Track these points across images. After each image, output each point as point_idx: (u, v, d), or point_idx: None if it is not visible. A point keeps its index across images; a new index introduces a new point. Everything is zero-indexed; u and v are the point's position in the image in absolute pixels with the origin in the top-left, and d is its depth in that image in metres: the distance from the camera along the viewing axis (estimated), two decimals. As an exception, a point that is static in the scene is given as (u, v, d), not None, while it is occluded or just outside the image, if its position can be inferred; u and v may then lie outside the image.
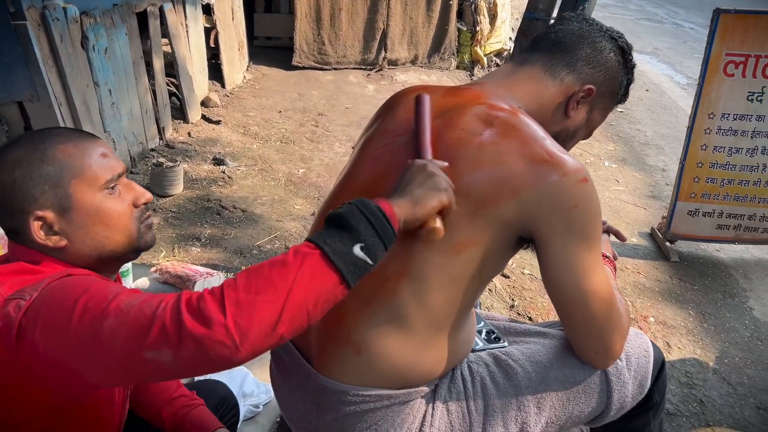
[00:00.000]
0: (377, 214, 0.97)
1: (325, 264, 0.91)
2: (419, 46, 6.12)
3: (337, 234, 0.94)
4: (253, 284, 0.88)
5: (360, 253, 0.93)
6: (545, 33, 1.36)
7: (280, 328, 0.87)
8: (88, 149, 1.09)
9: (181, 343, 0.84)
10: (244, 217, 3.37)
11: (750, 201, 3.49)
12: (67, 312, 0.91)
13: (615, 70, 1.35)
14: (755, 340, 2.89)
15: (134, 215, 1.13)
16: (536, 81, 1.31)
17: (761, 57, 3.21)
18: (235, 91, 5.18)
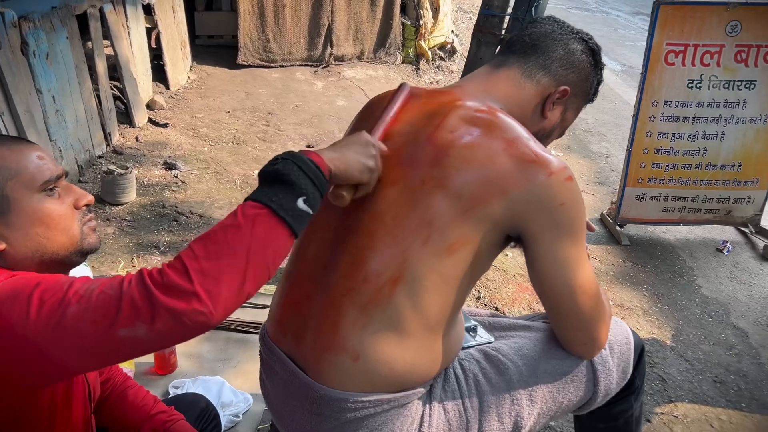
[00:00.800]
0: (313, 168, 1.03)
1: (274, 220, 0.96)
2: (365, 42, 6.12)
3: (279, 190, 0.99)
4: (212, 251, 0.91)
5: (303, 205, 1.00)
6: (519, 35, 1.39)
7: (247, 288, 0.93)
8: (24, 152, 1.08)
9: (154, 317, 0.87)
10: (203, 223, 3.31)
11: (693, 183, 3.65)
12: (22, 308, 0.90)
13: (587, 70, 1.39)
14: (706, 317, 3.04)
15: (76, 216, 1.12)
16: (514, 83, 1.34)
17: (699, 46, 3.36)
18: (181, 92, 5.07)
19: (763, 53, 3.37)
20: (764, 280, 3.39)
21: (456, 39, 6.90)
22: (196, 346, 2.36)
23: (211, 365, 2.30)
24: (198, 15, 5.83)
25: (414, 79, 6.18)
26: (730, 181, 3.65)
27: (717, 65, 3.39)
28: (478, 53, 2.53)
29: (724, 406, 2.46)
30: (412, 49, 6.37)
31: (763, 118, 3.51)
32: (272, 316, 1.37)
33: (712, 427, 2.34)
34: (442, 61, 6.56)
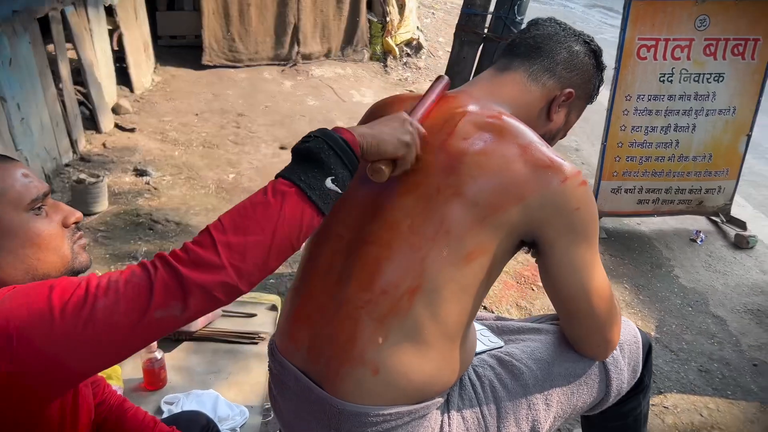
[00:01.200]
0: (343, 146, 1.04)
1: (302, 200, 0.98)
2: (332, 39, 6.06)
3: (309, 169, 1.01)
4: (239, 226, 0.94)
5: (332, 185, 1.02)
6: (523, 38, 1.38)
7: (271, 263, 0.97)
8: (8, 170, 1.04)
9: (187, 295, 0.89)
10: (180, 230, 3.23)
11: (666, 176, 3.72)
12: (43, 313, 0.87)
13: (590, 72, 1.39)
14: (686, 307, 3.10)
15: (66, 235, 1.08)
16: (520, 86, 1.33)
17: (670, 40, 3.41)
18: (146, 95, 4.94)
19: (730, 46, 3.45)
20: (737, 268, 3.47)
21: (422, 35, 6.90)
22: (185, 359, 2.30)
23: (201, 378, 2.23)
24: (160, 15, 5.69)
25: (382, 76, 6.15)
26: (702, 172, 3.73)
27: (687, 59, 3.45)
28: (461, 52, 2.52)
29: (711, 394, 2.51)
30: (379, 46, 6.34)
31: (731, 109, 3.59)
32: (282, 330, 1.33)
33: (702, 416, 2.39)
34: (409, 58, 6.55)
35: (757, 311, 3.07)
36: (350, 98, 5.47)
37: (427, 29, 7.47)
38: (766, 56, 3.48)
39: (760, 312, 3.07)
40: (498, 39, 2.41)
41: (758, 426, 2.36)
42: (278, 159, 4.19)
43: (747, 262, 3.52)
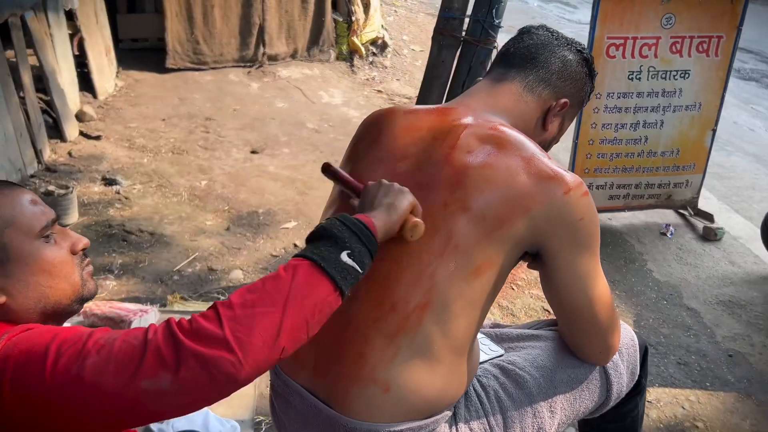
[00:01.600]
0: (358, 224, 1.02)
1: (316, 272, 0.94)
2: (298, 40, 6.00)
3: (322, 244, 0.98)
4: (248, 300, 0.88)
5: (348, 259, 0.97)
6: (517, 47, 1.38)
7: (282, 340, 0.88)
8: (16, 197, 1.02)
9: (180, 363, 0.82)
10: (155, 241, 3.17)
11: (636, 171, 3.79)
12: (39, 361, 0.85)
13: (583, 81, 1.41)
14: (661, 300, 3.17)
15: (75, 262, 1.07)
16: (517, 97, 1.33)
17: (637, 38, 3.47)
18: (110, 101, 4.82)
19: (695, 43, 3.52)
20: (707, 260, 3.56)
21: (386, 34, 6.88)
22: (170, 374, 2.26)
23: (188, 393, 2.20)
24: (120, 18, 5.55)
25: (349, 76, 6.12)
26: (670, 167, 3.81)
27: (654, 56, 3.52)
28: (439, 56, 2.52)
29: (691, 386, 2.57)
30: (345, 45, 6.31)
31: (697, 105, 3.68)
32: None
33: (684, 408, 2.44)
34: (376, 57, 6.53)
35: (729, 302, 3.16)
36: (319, 99, 5.44)
37: (391, 28, 7.46)
38: (728, 53, 3.57)
39: (731, 303, 3.15)
40: (476, 42, 2.42)
41: (738, 416, 2.42)
42: (251, 164, 4.14)
43: (716, 254, 3.62)
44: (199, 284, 2.88)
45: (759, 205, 4.29)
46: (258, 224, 3.43)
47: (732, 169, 4.89)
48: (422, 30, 7.93)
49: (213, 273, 2.97)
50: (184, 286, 2.84)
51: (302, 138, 4.63)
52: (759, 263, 3.53)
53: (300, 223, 3.47)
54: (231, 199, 3.65)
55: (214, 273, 2.97)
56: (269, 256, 3.15)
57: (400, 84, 6.15)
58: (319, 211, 3.60)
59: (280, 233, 3.37)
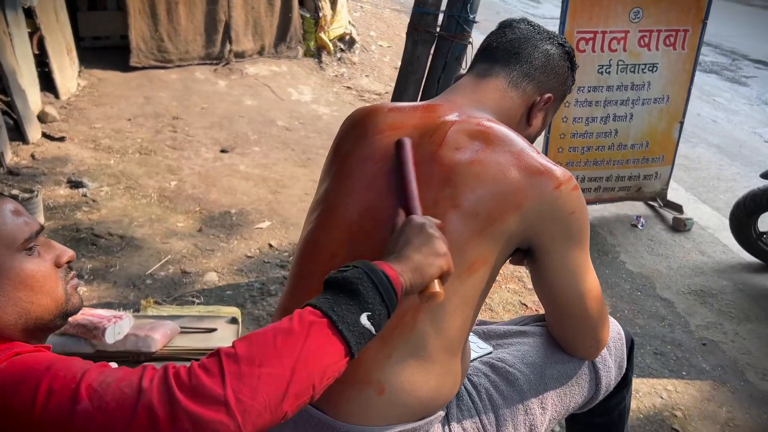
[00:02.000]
0: (385, 281, 0.93)
1: (332, 334, 0.87)
2: (265, 36, 5.92)
3: (344, 301, 0.90)
4: (256, 355, 0.82)
5: (367, 322, 0.91)
6: (500, 42, 1.37)
7: (285, 405, 0.83)
8: None
9: (174, 422, 0.77)
10: (125, 244, 3.09)
11: (606, 164, 3.83)
12: (28, 396, 0.81)
13: (565, 75, 1.40)
14: (635, 291, 3.21)
15: (59, 276, 1.02)
16: (502, 93, 1.32)
17: (607, 32, 3.50)
18: (72, 101, 4.69)
19: (662, 37, 3.57)
20: (678, 250, 3.62)
21: (353, 30, 6.85)
22: (147, 380, 2.20)
23: (166, 400, 2.15)
24: (81, 15, 5.41)
25: (318, 72, 6.07)
26: (640, 159, 3.86)
27: (623, 50, 3.55)
28: (414, 52, 2.50)
29: (668, 376, 2.60)
30: (313, 42, 6.25)
31: (665, 98, 3.73)
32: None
33: (662, 398, 2.47)
34: (343, 53, 6.49)
35: (701, 291, 3.22)
36: (288, 96, 5.38)
37: (358, 24, 7.42)
38: (695, 46, 3.63)
39: (703, 292, 3.21)
40: (451, 37, 2.41)
41: (714, 404, 2.47)
42: (221, 163, 4.07)
43: (686, 245, 3.68)
44: (172, 287, 2.82)
45: (724, 195, 4.38)
46: (231, 225, 3.38)
47: (697, 161, 4.99)
48: (389, 26, 7.92)
49: (187, 276, 2.91)
50: (157, 290, 2.77)
51: (273, 136, 4.57)
52: (728, 252, 3.61)
53: (274, 223, 3.42)
54: (202, 199, 3.59)
55: (187, 276, 2.91)
56: (244, 257, 3.10)
57: (370, 80, 6.12)
58: (293, 209, 3.57)
59: (254, 233, 3.32)
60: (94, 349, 2.15)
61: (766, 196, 3.26)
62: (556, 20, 3.48)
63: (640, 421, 2.34)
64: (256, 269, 3.01)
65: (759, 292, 3.25)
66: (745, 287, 3.28)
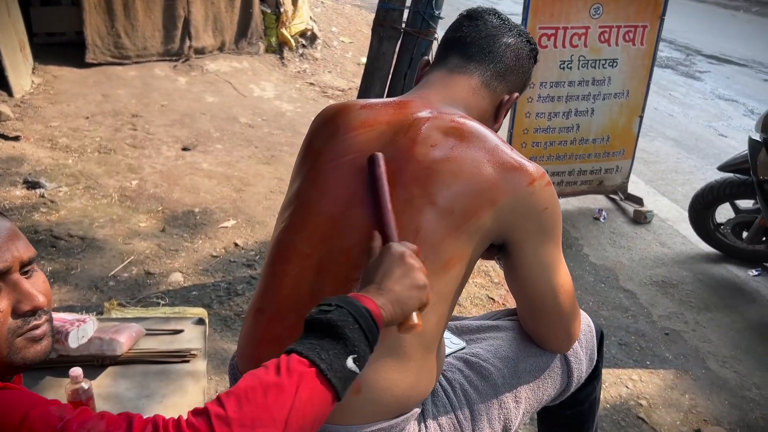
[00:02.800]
0: (369, 321, 0.92)
1: (321, 383, 0.86)
2: (225, 32, 5.84)
3: (331, 346, 0.88)
4: (247, 415, 0.79)
5: (353, 365, 0.90)
6: (473, 37, 1.35)
7: None
8: None
9: None
10: (86, 246, 3.01)
11: (569, 159, 3.89)
12: None
13: (529, 72, 1.41)
14: (599, 283, 3.26)
15: (7, 326, 0.92)
16: (474, 92, 1.32)
17: (568, 28, 3.55)
18: (27, 99, 4.55)
19: (622, 33, 3.64)
20: (639, 242, 3.70)
21: (315, 25, 6.80)
22: (113, 385, 2.15)
23: (133, 404, 2.09)
24: (34, 11, 5.24)
25: (280, 69, 6.01)
26: (601, 153, 3.93)
27: (584, 46, 3.61)
28: (380, 48, 2.50)
29: (632, 366, 2.66)
30: (274, 38, 6.18)
31: (625, 93, 3.80)
32: (246, 355, 1.27)
33: (627, 387, 2.52)
34: (305, 49, 6.44)
35: (662, 282, 3.29)
36: (250, 93, 5.31)
37: (319, 19, 7.37)
38: (653, 41, 3.71)
39: (664, 283, 3.29)
40: (417, 33, 2.40)
41: (677, 392, 2.53)
42: (183, 161, 4.00)
43: (647, 236, 3.76)
44: (136, 289, 2.76)
45: (682, 187, 4.49)
46: (195, 224, 3.32)
47: (656, 154, 5.10)
48: (350, 21, 7.89)
49: (151, 277, 2.85)
50: (120, 292, 2.71)
51: (235, 133, 4.51)
52: (687, 243, 3.70)
53: (239, 222, 3.38)
54: (164, 198, 3.52)
55: (151, 277, 2.85)
56: (209, 256, 3.06)
57: (332, 76, 6.09)
58: (258, 207, 3.53)
59: (219, 232, 3.27)
60: (56, 354, 2.09)
61: (722, 189, 3.35)
62: (515, 16, 3.51)
63: (607, 411, 2.38)
64: (222, 269, 2.96)
65: (717, 282, 3.34)
66: (705, 277, 3.37)
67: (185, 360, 2.24)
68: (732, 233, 3.48)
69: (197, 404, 2.12)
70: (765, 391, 2.56)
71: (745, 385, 2.59)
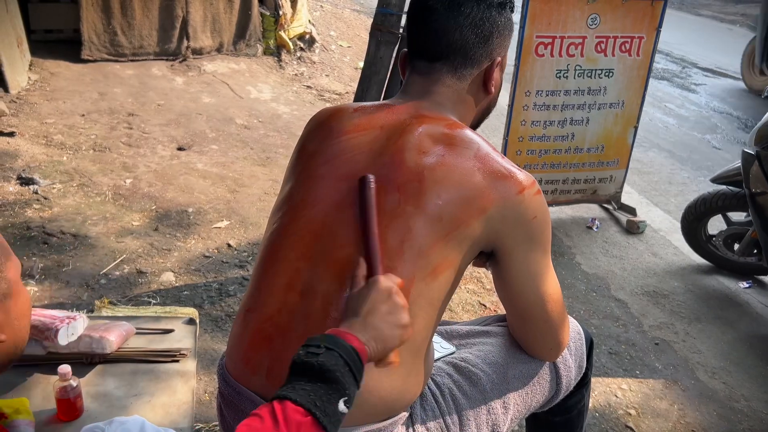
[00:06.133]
0: (356, 360, 0.93)
1: (317, 430, 0.86)
2: (223, 33, 5.84)
3: (323, 392, 0.89)
4: None
5: (343, 407, 0.90)
6: (426, 34, 1.26)
7: None
8: None
9: None
10: (78, 243, 3.00)
11: (563, 167, 3.90)
12: None
13: (506, 27, 1.30)
14: (590, 292, 3.27)
15: None
16: (452, 89, 1.27)
17: (565, 37, 3.57)
18: (23, 95, 4.54)
19: (618, 43, 3.66)
20: (632, 252, 3.71)
21: (314, 29, 6.81)
22: (101, 383, 2.14)
23: (121, 403, 2.08)
24: (32, 7, 5.24)
25: (277, 71, 6.02)
26: (595, 163, 3.94)
27: (581, 55, 3.62)
28: (377, 53, 2.50)
29: (622, 375, 2.66)
30: (272, 40, 6.19)
31: (620, 103, 3.82)
32: (235, 354, 1.27)
33: (617, 396, 2.53)
34: (303, 52, 6.45)
35: (653, 292, 3.30)
36: (247, 94, 5.31)
37: (318, 23, 7.39)
38: (649, 52, 3.73)
39: (655, 293, 3.30)
40: (414, 39, 2.41)
41: (666, 402, 2.53)
42: (177, 161, 3.99)
43: (639, 246, 3.77)
44: (128, 287, 2.75)
45: (675, 198, 4.51)
46: (188, 224, 3.32)
47: (650, 165, 5.12)
48: (349, 26, 7.90)
49: (142, 275, 2.84)
50: (112, 290, 2.70)
51: (231, 134, 4.51)
52: (679, 254, 3.71)
53: (232, 222, 3.38)
54: (158, 198, 3.51)
55: (143, 275, 2.84)
56: (201, 256, 3.05)
57: (330, 80, 6.10)
58: (252, 209, 3.53)
59: (212, 233, 3.27)
60: (45, 351, 2.08)
61: (715, 201, 3.37)
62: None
63: (596, 420, 2.38)
64: (214, 269, 2.96)
65: (708, 294, 3.35)
66: (696, 288, 3.38)
67: (175, 359, 2.23)
68: (724, 245, 3.49)
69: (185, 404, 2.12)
70: (753, 403, 2.57)
71: (733, 396, 2.60)
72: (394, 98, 1.34)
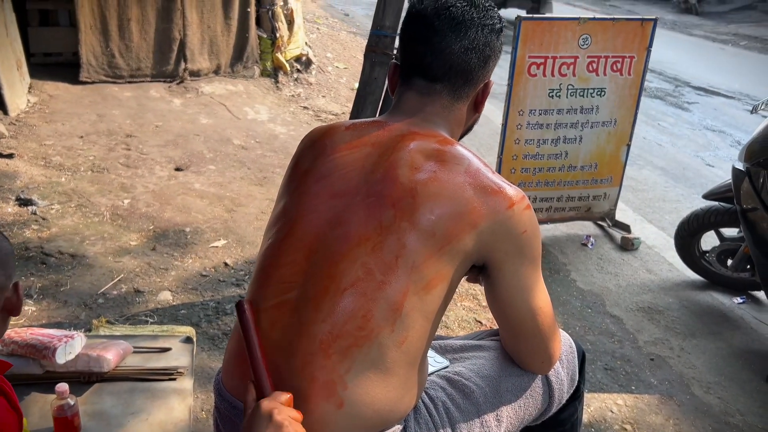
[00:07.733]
0: None
1: None
2: (221, 56, 5.91)
3: None
4: None
5: None
6: (430, 55, 1.29)
7: None
8: None
9: None
10: (76, 263, 3.02)
11: (557, 185, 3.94)
12: None
13: (500, 51, 1.35)
14: (586, 309, 3.29)
15: None
16: (447, 108, 1.32)
17: (557, 58, 3.63)
18: (22, 117, 4.59)
19: (610, 63, 3.71)
20: (626, 269, 3.73)
21: (310, 51, 6.90)
22: (98, 402, 2.15)
23: (118, 421, 2.09)
24: (32, 31, 5.31)
25: (274, 92, 6.08)
26: (589, 180, 3.98)
27: (573, 75, 3.68)
28: (372, 73, 2.55)
29: (617, 391, 2.67)
30: (269, 62, 6.27)
31: (612, 121, 3.87)
32: (231, 369, 1.29)
33: (612, 412, 2.54)
34: (300, 74, 6.52)
35: (648, 309, 3.32)
36: (245, 116, 5.37)
37: (314, 45, 7.48)
38: (640, 72, 3.78)
39: (650, 309, 3.32)
40: (408, 60, 2.45)
41: (662, 417, 2.54)
42: (175, 181, 4.02)
43: (634, 263, 3.80)
44: (125, 307, 2.77)
45: (669, 215, 4.54)
46: (185, 243, 3.34)
47: (644, 182, 5.16)
48: (345, 48, 7.99)
49: (140, 295, 2.86)
50: (109, 310, 2.72)
51: (228, 154, 4.55)
52: (673, 270, 3.74)
53: (230, 242, 3.40)
54: (156, 218, 3.54)
55: (141, 295, 2.86)
56: (198, 275, 3.07)
57: (326, 101, 6.16)
58: (248, 228, 3.56)
59: (210, 252, 3.29)
60: (43, 370, 2.09)
61: (707, 217, 3.40)
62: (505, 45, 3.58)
63: (592, 435, 2.39)
64: (211, 288, 2.98)
65: (703, 309, 3.37)
66: (690, 304, 3.40)
67: (172, 378, 2.24)
68: (717, 261, 3.52)
69: (183, 421, 2.13)
70: (748, 417, 2.58)
71: (729, 411, 2.61)
72: (386, 115, 1.37)
